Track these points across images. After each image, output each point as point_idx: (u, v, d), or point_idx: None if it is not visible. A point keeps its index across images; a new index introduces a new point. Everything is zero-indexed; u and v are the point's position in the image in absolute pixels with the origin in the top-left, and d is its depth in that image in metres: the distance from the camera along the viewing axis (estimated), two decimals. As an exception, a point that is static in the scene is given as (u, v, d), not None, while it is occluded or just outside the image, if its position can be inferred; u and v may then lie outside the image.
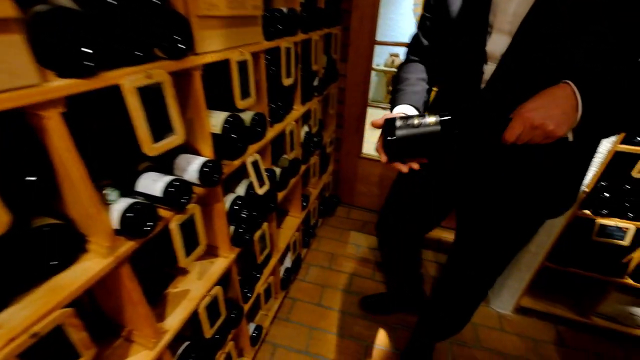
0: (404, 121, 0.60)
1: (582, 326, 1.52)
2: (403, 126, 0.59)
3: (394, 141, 0.60)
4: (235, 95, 0.79)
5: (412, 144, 0.60)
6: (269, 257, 1.28)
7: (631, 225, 1.18)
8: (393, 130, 0.60)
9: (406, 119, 0.60)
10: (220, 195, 0.83)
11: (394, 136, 0.59)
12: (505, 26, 0.61)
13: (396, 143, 0.60)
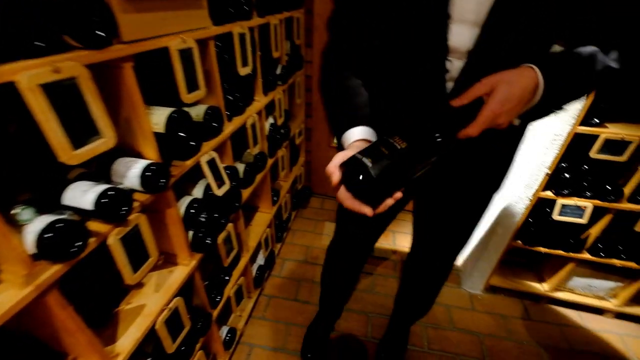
0: (370, 155, 0.47)
1: (546, 299, 1.60)
2: (375, 162, 0.45)
3: (374, 182, 0.45)
4: (180, 88, 0.71)
5: (392, 178, 0.47)
6: (238, 258, 1.22)
7: (589, 203, 1.23)
8: (363, 171, 0.45)
9: (370, 152, 0.47)
10: (172, 200, 0.75)
11: (372, 178, 0.45)
12: (469, 16, 0.52)
13: (378, 185, 0.46)
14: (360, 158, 0.46)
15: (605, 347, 1.43)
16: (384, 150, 0.47)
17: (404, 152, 0.47)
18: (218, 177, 0.88)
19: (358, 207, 0.48)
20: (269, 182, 1.45)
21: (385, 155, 0.46)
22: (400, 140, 0.47)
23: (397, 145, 0.47)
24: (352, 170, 0.47)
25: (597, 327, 1.51)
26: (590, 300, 1.53)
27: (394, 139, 0.48)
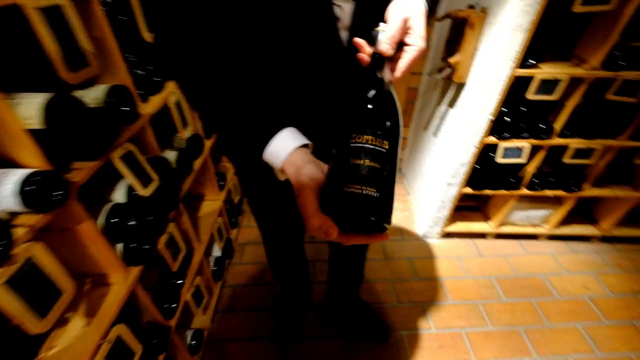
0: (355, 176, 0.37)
1: (493, 236, 1.75)
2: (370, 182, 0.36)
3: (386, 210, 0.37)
4: (57, 64, 0.52)
5: (392, 187, 0.39)
6: (190, 257, 1.09)
7: (526, 143, 1.30)
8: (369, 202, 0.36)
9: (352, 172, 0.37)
10: (81, 214, 0.59)
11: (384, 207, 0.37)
12: None
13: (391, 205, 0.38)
14: (355, 192, 0.35)
15: (542, 267, 1.63)
16: (370, 164, 0.36)
17: (388, 150, 0.38)
18: (141, 174, 0.71)
19: (370, 241, 0.40)
20: (211, 167, 1.29)
21: (376, 171, 0.36)
22: (376, 139, 0.37)
23: (377, 147, 0.37)
24: (350, 209, 0.36)
25: (535, 251, 1.70)
26: (528, 229, 1.70)
27: (365, 139, 0.37)
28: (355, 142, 0.37)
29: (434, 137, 1.64)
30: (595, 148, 1.30)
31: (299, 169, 0.43)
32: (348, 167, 0.37)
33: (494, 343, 1.31)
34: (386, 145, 0.38)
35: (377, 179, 0.36)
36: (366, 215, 0.35)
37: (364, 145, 0.37)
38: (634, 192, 1.51)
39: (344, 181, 0.36)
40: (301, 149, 0.45)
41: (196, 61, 0.48)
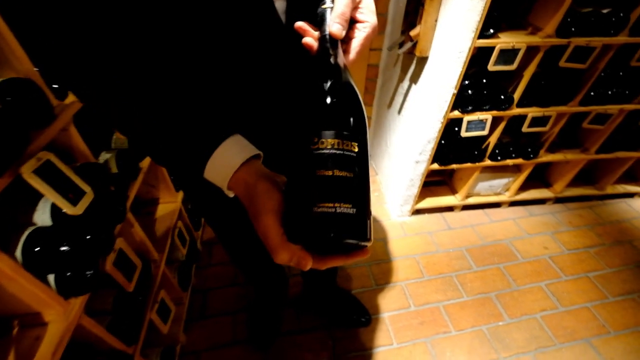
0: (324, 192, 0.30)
1: (460, 208, 1.80)
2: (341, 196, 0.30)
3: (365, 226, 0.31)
4: None
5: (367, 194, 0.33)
6: (149, 271, 0.97)
7: (488, 115, 1.31)
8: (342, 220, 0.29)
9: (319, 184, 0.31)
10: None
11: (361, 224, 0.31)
12: None
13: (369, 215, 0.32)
14: (326, 211, 0.28)
15: (506, 232, 1.71)
16: (341, 173, 0.30)
17: (360, 154, 0.32)
18: (68, 188, 0.58)
19: (351, 260, 0.33)
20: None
21: (349, 181, 0.30)
22: (343, 142, 0.31)
23: (350, 153, 0.31)
24: (324, 232, 0.29)
25: (498, 218, 1.78)
26: (492, 198, 1.77)
27: (330, 144, 0.30)
28: (318, 148, 0.30)
29: (398, 115, 1.61)
30: (550, 115, 1.35)
31: (251, 188, 0.34)
32: (314, 182, 0.29)
33: (470, 312, 1.36)
34: (355, 148, 0.31)
35: (351, 191, 0.30)
36: (344, 237, 0.29)
37: (330, 152, 0.30)
38: (582, 155, 1.61)
39: (311, 200, 0.29)
40: (251, 162, 0.37)
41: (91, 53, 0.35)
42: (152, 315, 0.92)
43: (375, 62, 1.81)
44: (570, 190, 1.82)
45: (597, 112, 1.38)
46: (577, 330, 1.31)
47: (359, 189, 0.31)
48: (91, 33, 0.34)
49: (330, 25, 0.36)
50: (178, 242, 1.18)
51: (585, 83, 1.29)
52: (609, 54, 1.19)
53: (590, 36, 1.12)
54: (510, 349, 1.25)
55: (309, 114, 0.32)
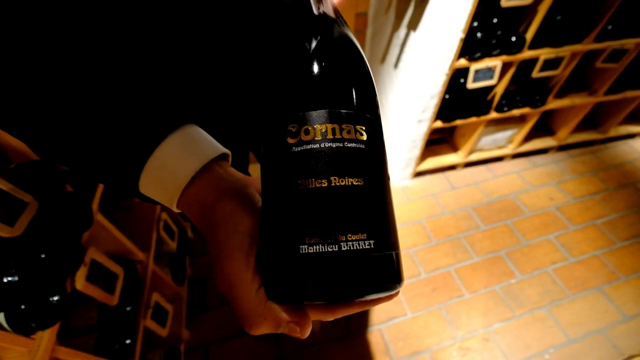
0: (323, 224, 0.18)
1: (462, 165, 1.71)
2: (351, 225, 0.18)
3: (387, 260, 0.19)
4: None
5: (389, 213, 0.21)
6: (135, 274, 0.85)
7: (498, 61, 1.16)
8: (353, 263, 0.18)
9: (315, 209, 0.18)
10: None
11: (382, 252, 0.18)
12: None
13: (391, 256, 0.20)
14: (324, 251, 0.17)
15: (510, 186, 1.65)
16: (339, 180, 0.18)
17: (371, 143, 0.20)
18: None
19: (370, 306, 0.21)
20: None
21: (358, 191, 0.18)
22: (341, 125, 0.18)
23: (355, 144, 0.19)
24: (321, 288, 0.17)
25: (501, 173, 1.71)
26: (495, 152, 1.68)
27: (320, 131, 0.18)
28: (300, 141, 0.18)
29: (394, 70, 1.44)
30: (563, 56, 1.21)
31: (209, 212, 0.21)
32: (298, 200, 0.18)
33: (482, 273, 1.32)
34: (363, 135, 0.19)
35: (364, 210, 0.18)
36: (362, 292, 0.18)
37: (321, 146, 0.18)
38: (590, 98, 1.50)
39: (297, 232, 0.18)
40: (211, 169, 0.23)
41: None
42: (146, 323, 0.82)
43: (363, 10, 1.59)
44: (573, 136, 1.75)
45: (612, 49, 1.25)
46: (589, 279, 1.30)
47: (377, 204, 0.19)
48: None
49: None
50: (165, 235, 1.05)
51: (602, 15, 1.14)
52: (635, -23, 1.04)
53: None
54: (524, 305, 1.23)
55: (286, 91, 0.20)
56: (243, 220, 0.20)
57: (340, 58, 0.21)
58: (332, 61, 0.20)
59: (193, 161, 0.22)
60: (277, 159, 0.18)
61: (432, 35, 1.11)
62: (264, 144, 0.20)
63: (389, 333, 1.17)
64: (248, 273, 0.19)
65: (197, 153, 0.23)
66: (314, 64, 0.19)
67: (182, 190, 0.22)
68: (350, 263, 0.17)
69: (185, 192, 0.22)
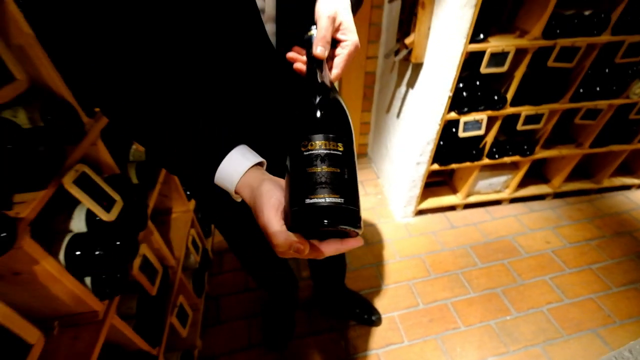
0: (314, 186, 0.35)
1: (462, 207, 1.84)
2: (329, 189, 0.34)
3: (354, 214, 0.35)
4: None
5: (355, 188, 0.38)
6: (167, 276, 1.01)
7: (484, 115, 1.37)
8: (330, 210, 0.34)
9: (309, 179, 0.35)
10: (36, 252, 0.51)
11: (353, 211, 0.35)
12: None
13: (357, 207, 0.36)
14: (317, 203, 0.33)
15: (508, 229, 1.75)
16: (328, 169, 0.35)
17: (345, 153, 0.37)
18: (101, 196, 0.64)
19: (344, 248, 0.38)
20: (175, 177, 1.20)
21: (336, 175, 0.35)
22: (329, 143, 0.36)
23: (332, 151, 0.36)
24: (317, 221, 0.34)
25: (500, 215, 1.83)
26: (492, 196, 1.82)
27: (318, 145, 0.35)
28: (308, 150, 0.35)
29: (397, 119, 1.67)
30: (543, 113, 1.41)
31: (255, 190, 0.39)
32: (305, 177, 0.34)
33: (478, 308, 1.39)
34: (341, 147, 0.36)
35: (339, 184, 0.34)
36: (335, 224, 0.33)
37: (318, 152, 0.35)
38: (576, 150, 1.66)
39: (304, 193, 0.34)
40: (254, 168, 0.42)
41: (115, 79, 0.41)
42: (172, 319, 0.96)
43: (372, 70, 1.88)
44: (567, 185, 1.87)
45: (587, 108, 1.44)
46: (584, 321, 1.34)
47: (346, 182, 0.35)
48: (118, 57, 0.40)
49: (315, 48, 0.41)
50: (192, 249, 1.23)
51: (573, 81, 1.35)
52: (594, 52, 1.26)
53: (575, 37, 1.19)
54: (519, 342, 1.28)
55: (300, 123, 0.38)
56: (275, 193, 0.38)
57: (330, 109, 0.39)
58: (325, 111, 0.39)
59: (244, 164, 0.42)
60: (296, 158, 0.36)
61: (426, 93, 1.34)
62: (289, 152, 0.38)
63: (386, 358, 1.24)
64: (276, 217, 0.36)
65: (246, 160, 0.42)
66: (317, 112, 0.38)
67: (239, 179, 0.41)
68: (329, 208, 0.34)
69: (241, 180, 0.41)
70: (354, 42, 0.44)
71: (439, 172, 1.80)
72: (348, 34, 0.44)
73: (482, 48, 1.15)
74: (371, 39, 1.75)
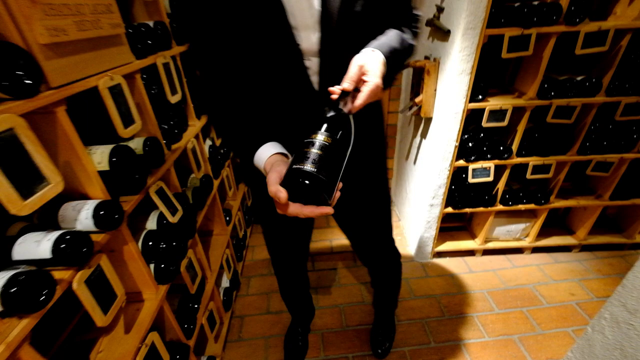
0: (305, 160, 0.50)
1: (480, 252, 1.88)
2: (314, 164, 0.49)
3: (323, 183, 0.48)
4: (116, 124, 0.72)
5: (334, 171, 0.52)
6: (204, 283, 1.21)
7: (491, 163, 1.50)
8: (310, 176, 0.48)
9: (303, 158, 0.50)
10: (128, 236, 0.75)
11: (321, 180, 0.48)
12: (309, 22, 0.63)
13: (329, 181, 0.49)
14: (300, 168, 0.48)
15: (529, 277, 1.74)
16: (313, 150, 0.50)
17: (331, 145, 0.52)
18: (170, 205, 0.89)
19: (318, 212, 0.51)
20: (219, 203, 1.46)
21: (317, 155, 0.49)
22: (322, 137, 0.52)
23: (322, 142, 0.51)
24: (296, 182, 0.48)
25: (521, 264, 1.83)
26: (512, 243, 1.84)
27: (315, 137, 0.52)
28: (310, 138, 0.53)
29: (413, 165, 1.85)
30: (550, 164, 1.51)
31: (273, 166, 0.59)
32: (301, 154, 0.51)
33: (491, 352, 1.39)
34: (330, 140, 0.52)
35: (319, 161, 0.49)
36: (308, 184, 0.48)
37: (313, 139, 0.52)
38: (596, 201, 1.68)
39: (295, 162, 0.50)
40: (277, 155, 0.63)
41: (232, 113, 0.72)
42: (203, 320, 1.14)
43: (393, 123, 2.13)
44: (595, 237, 1.84)
45: (597, 161, 1.51)
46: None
47: (326, 163, 0.49)
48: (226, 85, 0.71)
49: (342, 83, 0.60)
50: (225, 266, 1.43)
51: (578, 135, 1.46)
52: (593, 110, 1.38)
53: (570, 97, 1.34)
54: (534, 391, 1.24)
55: (315, 125, 0.56)
56: (281, 167, 0.55)
57: (335, 121, 0.57)
58: (332, 120, 0.56)
59: (270, 151, 0.63)
60: (301, 143, 0.53)
61: (436, 142, 1.53)
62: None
63: (394, 391, 1.26)
64: (275, 178, 0.52)
65: (273, 149, 0.64)
66: (327, 119, 0.56)
67: (266, 159, 0.62)
68: (306, 172, 0.48)
69: (266, 161, 0.62)
70: (375, 83, 0.58)
71: (456, 217, 1.89)
72: (371, 77, 0.58)
73: (482, 106, 1.34)
74: (392, 97, 2.03)
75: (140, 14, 0.97)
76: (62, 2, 0.56)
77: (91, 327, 0.80)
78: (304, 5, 0.61)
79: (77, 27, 0.60)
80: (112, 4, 0.70)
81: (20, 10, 0.49)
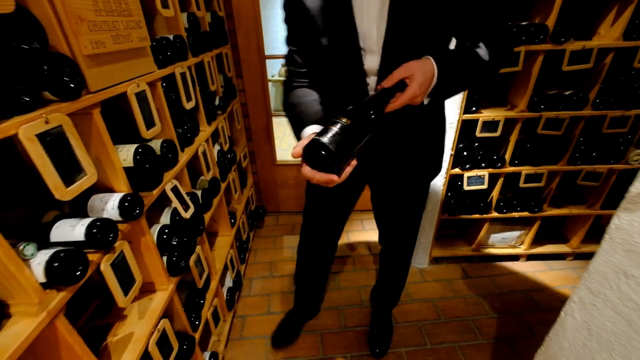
0: (324, 135, 0.56)
1: (477, 258, 1.93)
2: (330, 138, 0.55)
3: (332, 153, 0.54)
4: (140, 126, 0.80)
5: (345, 148, 0.57)
6: (209, 280, 1.27)
7: (485, 172, 1.57)
8: (323, 146, 0.54)
9: (324, 132, 0.56)
10: (145, 228, 0.81)
11: (330, 150, 0.54)
12: (374, 47, 0.75)
13: (337, 154, 0.55)
14: (317, 138, 0.55)
15: (524, 284, 1.78)
16: (334, 128, 0.56)
17: (350, 126, 0.57)
18: (183, 202, 0.96)
19: (326, 178, 0.57)
20: (224, 206, 1.53)
21: (336, 132, 0.56)
22: (345, 119, 0.58)
23: (343, 123, 0.57)
24: (313, 149, 0.56)
25: (516, 270, 1.88)
26: (507, 250, 1.90)
27: (339, 118, 0.58)
28: (337, 118, 0.59)
29: (412, 174, 1.92)
30: (542, 173, 1.58)
31: (309, 136, 0.65)
32: (324, 128, 0.57)
33: (486, 354, 1.43)
34: (349, 122, 0.59)
35: (335, 138, 0.55)
36: (318, 153, 0.55)
37: (336, 120, 0.58)
38: (587, 210, 1.75)
39: (318, 135, 0.56)
40: (314, 133, 0.70)
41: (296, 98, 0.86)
42: (208, 315, 1.19)
43: (393, 132, 2.21)
44: (589, 246, 1.89)
45: (586, 171, 1.58)
46: (600, 381, 1.31)
47: (340, 140, 0.55)
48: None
49: (383, 82, 0.65)
50: (229, 265, 1.49)
51: (568, 146, 1.54)
52: (580, 123, 1.46)
53: (559, 110, 1.42)
54: (527, 392, 1.28)
55: (348, 109, 0.62)
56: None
57: (361, 111, 0.62)
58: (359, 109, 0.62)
59: (313, 130, 0.71)
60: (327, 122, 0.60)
61: (433, 151, 1.60)
62: None
63: (390, 390, 1.30)
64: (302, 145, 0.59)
65: (316, 129, 0.71)
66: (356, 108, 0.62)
67: (307, 135, 0.70)
68: (321, 143, 0.54)
69: (307, 136, 0.68)
70: (411, 92, 0.63)
71: (452, 224, 1.95)
72: (412, 84, 0.63)
73: (475, 117, 1.43)
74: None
75: (161, 29, 1.07)
76: (103, 19, 0.65)
77: (107, 313, 0.86)
78: (373, 32, 0.73)
79: (113, 41, 0.68)
80: (141, 20, 0.79)
81: (70, 27, 0.58)
